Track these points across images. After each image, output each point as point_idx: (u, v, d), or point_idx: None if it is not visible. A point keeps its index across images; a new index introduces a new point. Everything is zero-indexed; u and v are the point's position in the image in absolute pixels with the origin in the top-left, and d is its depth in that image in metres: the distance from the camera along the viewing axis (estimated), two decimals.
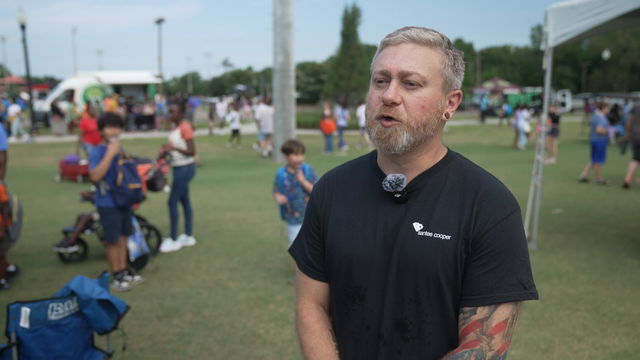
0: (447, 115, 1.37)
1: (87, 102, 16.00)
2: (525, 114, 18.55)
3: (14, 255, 6.29)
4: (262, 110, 16.73)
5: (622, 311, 4.64)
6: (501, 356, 1.29)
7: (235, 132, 19.29)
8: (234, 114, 19.54)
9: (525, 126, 18.50)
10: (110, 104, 24.92)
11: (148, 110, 26.64)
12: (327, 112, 17.41)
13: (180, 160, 6.67)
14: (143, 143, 19.93)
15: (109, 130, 5.13)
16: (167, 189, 8.26)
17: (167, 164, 6.75)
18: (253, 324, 4.44)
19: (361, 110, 19.25)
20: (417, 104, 1.30)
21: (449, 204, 1.35)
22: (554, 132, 15.05)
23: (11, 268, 5.57)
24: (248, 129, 27.11)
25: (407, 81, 1.30)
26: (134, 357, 3.90)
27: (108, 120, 5.16)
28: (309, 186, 5.07)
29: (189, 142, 6.59)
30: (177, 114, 6.78)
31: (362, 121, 18.84)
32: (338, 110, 19.17)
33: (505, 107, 31.95)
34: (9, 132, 20.22)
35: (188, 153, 6.62)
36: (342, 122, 18.63)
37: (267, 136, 16.88)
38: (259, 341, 4.15)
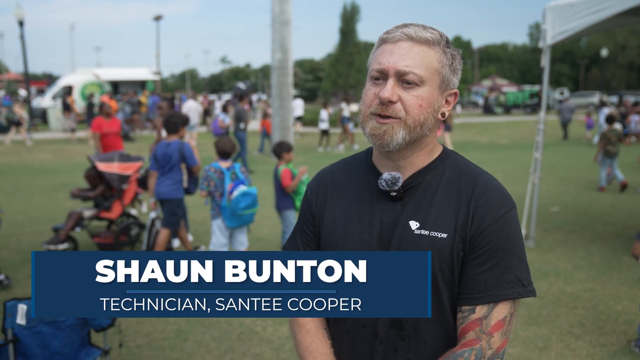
0: (443, 115, 1.37)
1: (89, 100, 15.76)
2: (606, 111, 17.61)
3: (11, 251, 6.29)
4: (189, 105, 17.37)
5: (620, 309, 4.66)
6: (500, 354, 1.30)
7: (325, 133, 17.44)
8: (324, 113, 17.56)
9: None
10: (142, 100, 24.62)
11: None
12: (269, 111, 16.84)
13: None
14: (142, 140, 19.89)
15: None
16: None
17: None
18: (250, 321, 4.43)
19: (296, 103, 20.25)
20: (415, 102, 1.30)
21: (445, 202, 1.35)
22: (446, 128, 15.97)
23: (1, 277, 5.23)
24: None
25: (404, 80, 1.30)
26: (131, 354, 3.90)
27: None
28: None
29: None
30: (167, 111, 6.74)
31: (295, 112, 20.07)
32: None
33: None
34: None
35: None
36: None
37: (192, 128, 16.90)
38: (256, 338, 4.16)
